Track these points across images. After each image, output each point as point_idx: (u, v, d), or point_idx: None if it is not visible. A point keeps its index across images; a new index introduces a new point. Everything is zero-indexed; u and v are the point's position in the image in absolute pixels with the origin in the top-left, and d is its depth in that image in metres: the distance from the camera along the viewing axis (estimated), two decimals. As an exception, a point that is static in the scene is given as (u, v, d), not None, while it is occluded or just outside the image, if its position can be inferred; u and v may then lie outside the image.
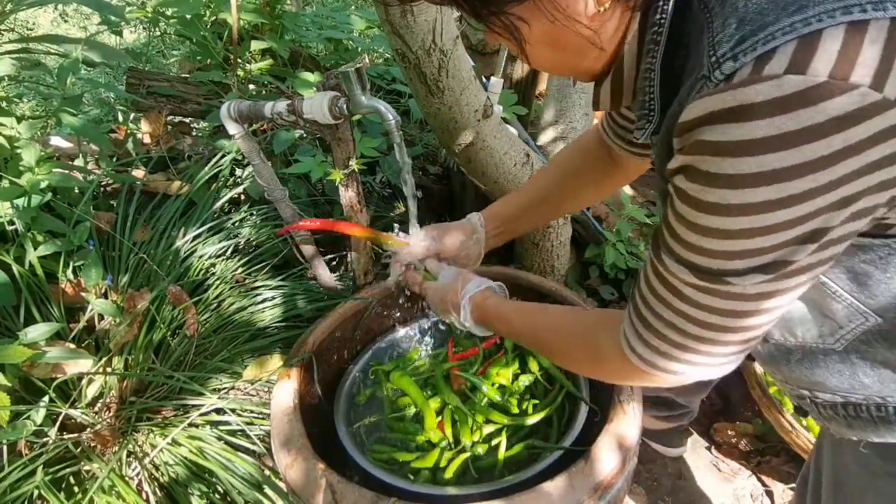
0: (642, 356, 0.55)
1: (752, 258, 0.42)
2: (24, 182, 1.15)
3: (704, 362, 0.52)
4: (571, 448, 0.91)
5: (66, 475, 1.03)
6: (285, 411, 0.93)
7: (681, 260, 0.46)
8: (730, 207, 0.40)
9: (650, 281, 0.52)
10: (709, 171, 0.40)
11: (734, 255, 0.43)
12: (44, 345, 1.04)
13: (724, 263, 0.44)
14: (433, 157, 1.95)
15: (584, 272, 1.76)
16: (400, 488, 0.85)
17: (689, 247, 0.45)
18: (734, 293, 0.45)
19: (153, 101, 1.71)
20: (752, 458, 1.38)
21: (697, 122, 0.40)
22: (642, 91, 0.52)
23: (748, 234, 0.41)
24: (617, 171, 0.90)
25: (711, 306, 0.47)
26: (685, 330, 0.50)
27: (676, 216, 0.46)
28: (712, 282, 0.45)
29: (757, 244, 0.41)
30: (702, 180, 0.41)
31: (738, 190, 0.39)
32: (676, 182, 0.44)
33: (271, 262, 1.51)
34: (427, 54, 1.01)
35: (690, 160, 0.42)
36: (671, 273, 0.48)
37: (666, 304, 0.50)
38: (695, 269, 0.46)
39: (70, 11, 5.62)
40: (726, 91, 0.38)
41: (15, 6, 1.28)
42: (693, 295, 0.47)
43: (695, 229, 0.44)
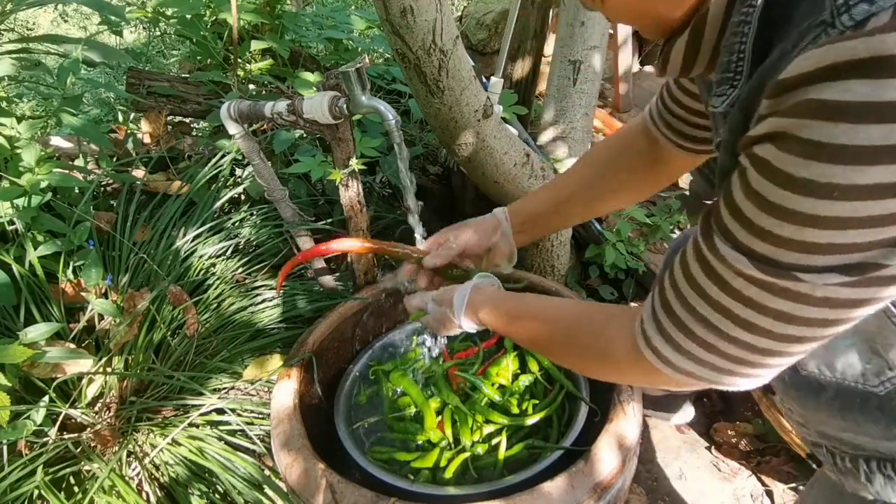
0: (659, 351, 0.48)
1: (837, 255, 0.35)
2: (24, 182, 1.15)
3: (728, 370, 0.45)
4: (571, 448, 0.91)
5: (66, 475, 1.03)
6: (285, 411, 0.93)
7: (740, 247, 0.39)
8: (829, 187, 0.32)
9: (689, 267, 0.44)
10: (812, 138, 0.32)
11: (815, 248, 0.35)
12: (44, 345, 1.04)
13: (799, 256, 0.36)
14: (433, 157, 1.95)
15: (584, 272, 1.76)
16: (400, 488, 0.85)
17: (757, 230, 0.37)
18: (797, 293, 0.37)
19: (153, 100, 1.71)
20: (752, 458, 1.38)
21: (808, 77, 0.32)
22: (729, 49, 0.42)
23: (843, 224, 0.33)
24: (662, 170, 0.81)
25: (762, 304, 0.39)
26: (720, 329, 0.43)
27: (749, 193, 0.37)
28: (776, 276, 0.37)
29: (849, 238, 0.34)
30: (799, 150, 0.33)
31: (849, 166, 0.31)
32: (758, 151, 0.36)
33: (271, 262, 1.51)
34: (427, 54, 1.01)
35: (787, 124, 0.33)
36: (722, 260, 0.40)
37: (704, 297, 0.43)
38: (757, 258, 0.38)
39: (70, 11, 5.62)
40: (856, 38, 0.30)
41: (15, 6, 1.28)
42: (744, 289, 0.40)
43: (773, 211, 0.35)
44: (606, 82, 3.01)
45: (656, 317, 0.48)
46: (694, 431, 1.49)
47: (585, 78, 1.66)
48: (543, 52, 2.03)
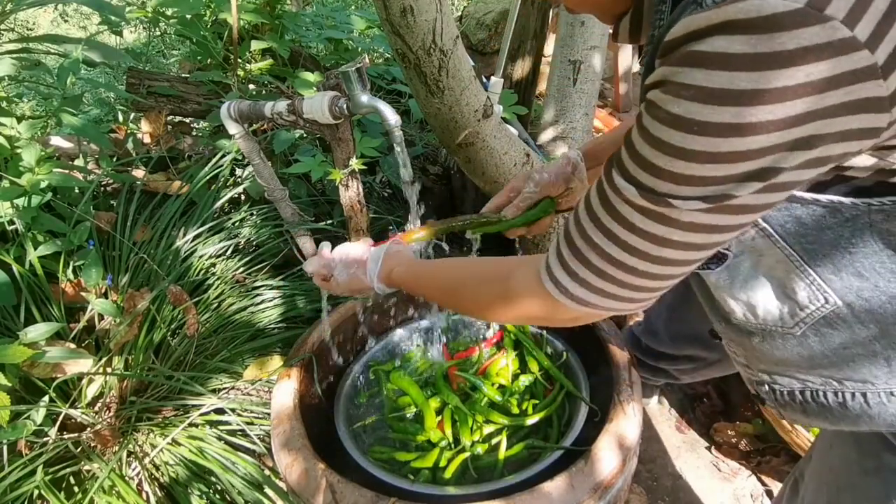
0: (560, 282, 0.54)
1: (697, 186, 0.42)
2: (25, 182, 1.15)
3: (617, 294, 0.51)
4: (572, 448, 0.91)
5: (66, 475, 1.03)
6: (285, 411, 0.93)
7: (629, 177, 0.46)
8: (691, 122, 0.40)
9: (589, 200, 0.51)
10: (683, 81, 0.40)
11: (682, 178, 0.42)
12: (44, 345, 1.04)
13: (670, 186, 0.43)
14: (433, 157, 1.95)
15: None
16: (400, 488, 0.85)
17: (643, 163, 0.44)
18: (669, 218, 0.45)
19: (153, 100, 1.71)
20: (752, 458, 1.38)
21: (683, 39, 0.40)
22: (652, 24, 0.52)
23: (701, 157, 0.41)
24: None
25: (643, 229, 0.46)
26: (610, 254, 0.49)
27: (639, 129, 0.45)
28: (654, 202, 0.45)
29: (707, 171, 0.41)
30: (673, 91, 0.41)
31: (704, 105, 0.39)
32: (649, 96, 0.44)
33: (271, 262, 1.51)
34: (427, 54, 1.01)
35: (667, 72, 0.41)
36: (616, 189, 0.47)
37: (598, 225, 0.50)
38: (641, 187, 0.45)
39: (70, 11, 5.62)
40: (713, 9, 0.38)
41: (15, 6, 1.28)
42: (629, 215, 0.47)
43: (654, 143, 0.43)
44: (606, 82, 3.01)
45: (559, 249, 0.54)
46: (694, 431, 1.49)
47: (585, 78, 1.66)
48: (543, 52, 2.03)
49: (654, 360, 1.31)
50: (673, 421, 1.52)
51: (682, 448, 1.44)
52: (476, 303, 0.68)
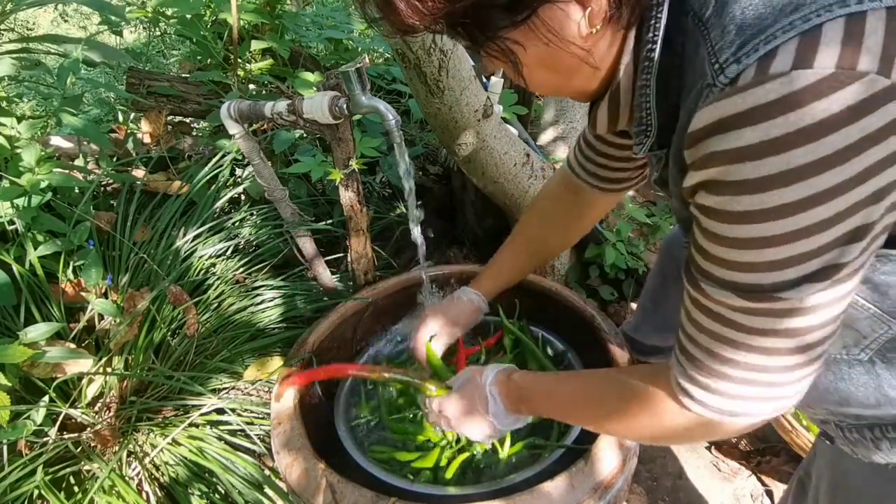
0: (696, 398, 0.51)
1: (799, 265, 0.40)
2: (25, 182, 1.15)
3: (767, 395, 0.48)
4: (572, 446, 0.91)
5: (66, 475, 1.03)
6: (285, 411, 0.93)
7: (723, 283, 0.44)
8: (763, 212, 0.39)
9: (692, 315, 0.49)
10: (732, 179, 0.39)
11: (780, 264, 0.40)
12: (44, 344, 1.04)
13: (772, 276, 0.41)
14: (433, 157, 1.95)
15: (584, 272, 1.76)
16: (400, 488, 0.85)
17: (731, 265, 0.43)
18: (790, 309, 0.42)
19: (153, 100, 1.71)
20: (752, 458, 1.38)
21: (708, 130, 0.39)
22: (639, 107, 0.52)
23: (789, 238, 0.39)
24: (590, 211, 0.93)
25: (765, 328, 0.44)
26: (748, 363, 0.46)
27: (708, 236, 0.44)
28: (763, 300, 0.42)
29: (801, 248, 0.39)
30: (727, 191, 0.40)
31: (768, 192, 0.38)
32: (699, 200, 0.43)
33: (271, 262, 1.51)
34: (427, 54, 1.01)
35: (709, 174, 0.41)
36: (714, 301, 0.46)
37: (714, 336, 0.47)
38: (740, 289, 0.43)
39: (70, 11, 5.62)
40: (734, 95, 0.37)
41: (15, 6, 1.28)
42: (743, 320, 0.44)
43: (732, 244, 0.42)
44: (606, 82, 3.00)
45: (685, 370, 0.51)
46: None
47: (585, 78, 1.66)
48: (543, 52, 2.02)
49: (646, 355, 1.32)
50: (673, 421, 1.52)
51: (682, 448, 1.44)
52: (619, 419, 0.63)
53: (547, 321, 1.20)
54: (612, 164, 0.81)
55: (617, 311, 1.71)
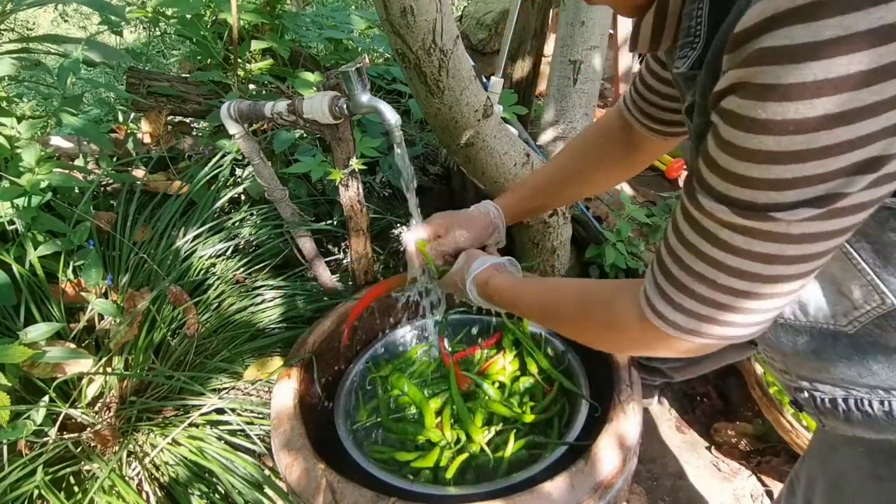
0: (665, 316, 0.50)
1: (803, 188, 0.38)
2: (25, 182, 1.15)
3: (732, 320, 0.47)
4: (573, 443, 0.91)
5: (66, 475, 1.03)
6: (285, 411, 0.93)
7: (720, 196, 0.42)
8: (785, 123, 0.36)
9: (679, 228, 0.48)
10: (766, 82, 0.36)
11: (784, 184, 0.38)
12: (44, 344, 1.04)
13: (771, 195, 0.39)
14: (433, 157, 1.95)
15: (584, 272, 1.76)
16: (400, 488, 0.85)
17: (732, 178, 0.41)
18: (777, 233, 0.41)
19: (153, 100, 1.71)
20: (752, 458, 1.38)
21: (757, 28, 0.36)
22: (689, 16, 0.48)
23: (802, 156, 0.37)
24: (637, 153, 0.88)
25: (750, 250, 0.43)
26: (716, 281, 0.45)
27: (721, 144, 0.41)
28: (755, 219, 0.41)
29: (810, 170, 0.37)
30: (756, 95, 0.37)
31: (797, 102, 0.35)
32: (724, 105, 0.40)
33: (271, 263, 1.51)
34: (427, 54, 1.01)
35: (744, 74, 0.37)
36: (707, 213, 0.44)
37: (697, 253, 0.46)
38: (736, 204, 0.41)
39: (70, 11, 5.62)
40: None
41: (15, 6, 1.28)
42: (730, 238, 0.43)
43: (742, 155, 0.39)
44: (606, 82, 3.01)
45: (656, 281, 0.51)
46: (694, 431, 1.49)
47: (585, 78, 1.66)
48: (543, 52, 2.03)
49: (646, 358, 1.32)
50: (673, 421, 1.52)
51: (682, 448, 1.44)
52: (579, 327, 0.66)
53: (547, 321, 1.20)
54: (666, 103, 0.78)
55: (617, 311, 1.71)
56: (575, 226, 1.71)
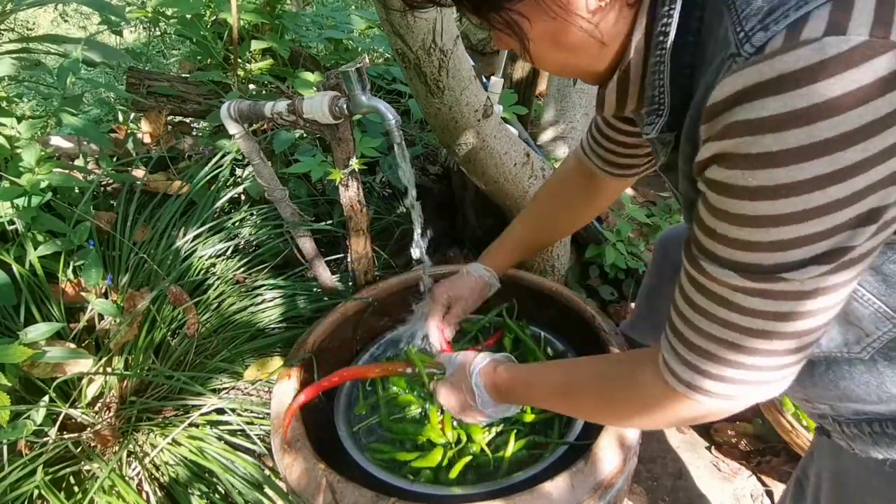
0: (683, 379, 0.50)
1: (808, 246, 0.39)
2: (25, 182, 1.15)
3: (757, 379, 0.47)
4: (573, 443, 0.91)
5: (66, 475, 1.03)
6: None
7: (726, 262, 0.43)
8: (778, 189, 0.37)
9: (687, 294, 0.48)
10: (749, 152, 0.37)
11: (786, 244, 0.39)
12: (44, 344, 1.04)
13: (777, 257, 0.40)
14: (433, 157, 1.95)
15: (584, 272, 1.76)
16: (400, 488, 0.85)
17: (735, 244, 0.41)
18: (789, 291, 0.41)
19: (153, 100, 1.71)
20: (752, 458, 1.38)
21: (730, 101, 0.37)
22: (651, 86, 0.50)
23: (801, 217, 0.37)
24: (601, 195, 0.94)
25: (763, 311, 0.43)
26: (735, 343, 0.45)
27: (715, 213, 0.42)
28: (765, 281, 0.41)
29: (812, 228, 0.38)
30: (742, 164, 0.38)
31: (785, 168, 0.36)
32: (710, 175, 0.41)
33: (272, 263, 1.51)
34: (427, 54, 1.01)
35: (726, 146, 0.39)
36: (714, 280, 0.44)
37: (708, 317, 0.46)
38: (743, 269, 0.42)
39: (70, 11, 5.62)
40: (760, 63, 0.35)
41: (15, 6, 1.28)
42: (742, 301, 0.43)
43: (740, 221, 0.40)
44: (606, 82, 3.00)
45: (676, 351, 0.51)
46: (694, 431, 1.49)
47: (585, 78, 1.66)
48: (543, 52, 2.02)
49: None
50: (673, 421, 1.52)
51: (682, 448, 1.44)
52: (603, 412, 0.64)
53: (547, 321, 1.20)
54: (622, 150, 0.82)
55: (617, 311, 1.71)
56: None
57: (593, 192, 0.94)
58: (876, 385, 0.53)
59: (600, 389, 0.63)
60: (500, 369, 0.78)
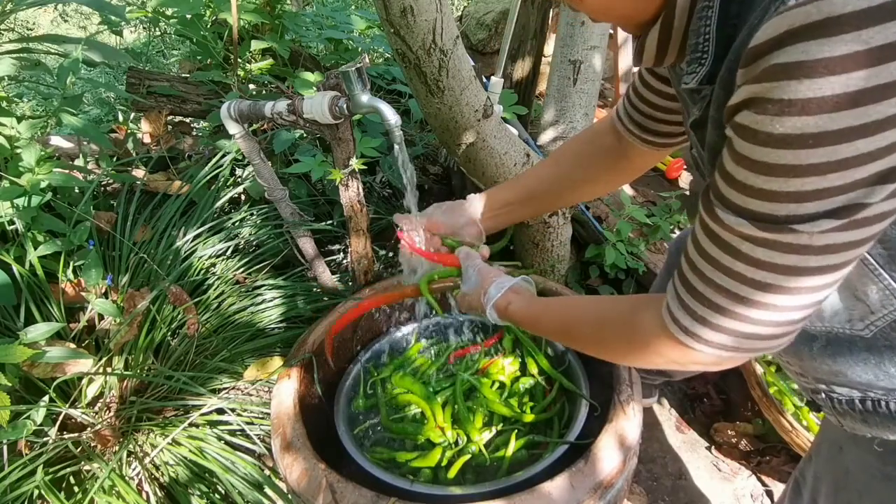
0: (686, 327, 0.50)
1: (823, 199, 0.38)
2: (25, 182, 1.15)
3: (752, 332, 0.47)
4: (574, 442, 0.91)
5: (67, 475, 1.03)
6: (286, 411, 0.93)
7: (740, 210, 0.42)
8: (804, 138, 0.36)
9: (700, 242, 0.48)
10: (782, 97, 0.36)
11: (804, 196, 0.38)
12: (44, 344, 1.04)
13: (791, 207, 0.39)
14: (433, 157, 1.95)
15: (584, 272, 1.76)
16: (400, 488, 0.85)
17: (752, 192, 0.41)
18: (798, 245, 0.41)
19: (153, 100, 1.71)
20: (752, 458, 1.38)
21: (772, 43, 0.36)
22: (696, 33, 0.48)
23: (822, 169, 0.37)
24: (627, 165, 0.89)
25: (771, 262, 0.42)
26: (737, 293, 0.45)
27: (738, 158, 0.41)
28: (776, 231, 0.41)
29: (830, 181, 0.37)
30: (773, 109, 0.37)
31: (816, 116, 0.35)
32: (739, 119, 0.40)
33: (272, 263, 1.51)
34: (427, 54, 1.01)
35: (759, 89, 0.38)
36: (727, 228, 0.44)
37: (718, 266, 0.46)
38: (757, 218, 0.41)
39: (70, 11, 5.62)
40: (809, 4, 0.34)
41: (15, 6, 1.28)
42: (751, 251, 0.43)
43: (761, 169, 0.39)
44: (606, 82, 3.01)
45: (679, 296, 0.51)
46: (694, 431, 1.49)
47: (585, 78, 1.66)
48: (543, 52, 2.03)
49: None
50: (673, 421, 1.52)
51: (682, 448, 1.44)
52: (599, 344, 0.66)
53: (547, 321, 1.20)
54: (657, 114, 0.78)
55: (617, 311, 1.71)
56: (575, 226, 1.71)
57: (622, 159, 0.88)
58: (874, 364, 0.54)
59: (598, 328, 0.65)
60: (511, 308, 0.80)
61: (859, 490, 0.65)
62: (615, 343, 0.63)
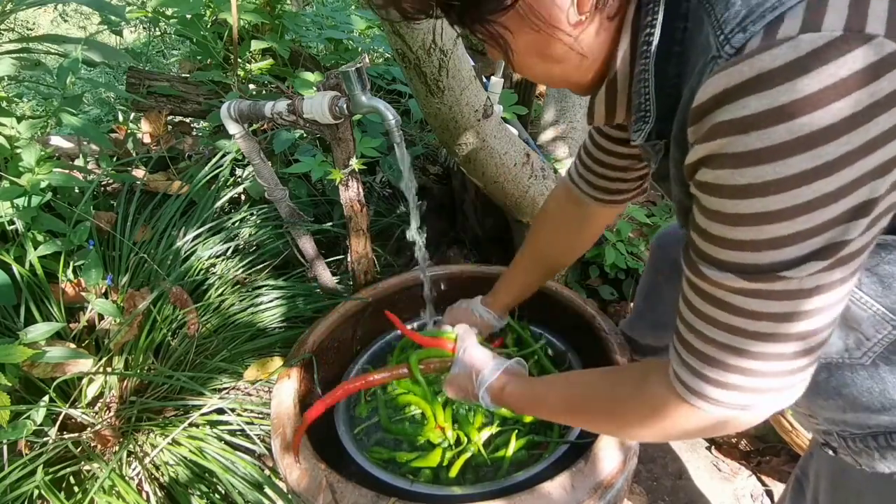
0: (690, 386, 0.49)
1: (800, 243, 0.39)
2: (25, 182, 1.15)
3: (763, 386, 0.46)
4: (574, 442, 0.91)
5: (67, 475, 1.03)
6: (286, 411, 0.93)
7: (723, 265, 0.43)
8: (766, 185, 0.37)
9: (691, 302, 0.48)
10: (735, 151, 0.38)
11: (781, 241, 0.39)
12: (44, 344, 1.04)
13: (773, 254, 0.40)
14: (433, 157, 1.95)
15: (584, 272, 1.76)
16: (400, 488, 0.85)
17: (730, 244, 0.41)
18: (789, 290, 0.41)
19: (153, 100, 1.71)
20: (752, 458, 1.38)
21: (713, 102, 0.38)
22: (637, 94, 0.51)
23: (789, 213, 0.38)
24: (589, 227, 0.94)
25: (764, 312, 0.42)
26: (736, 346, 0.45)
27: (708, 214, 0.42)
28: (764, 281, 0.41)
29: (804, 224, 0.38)
30: (729, 164, 0.38)
31: (771, 164, 0.37)
32: (700, 177, 0.42)
33: (272, 263, 1.51)
34: (427, 54, 1.01)
35: (713, 146, 0.39)
36: (715, 283, 0.44)
37: (714, 323, 0.46)
38: (741, 270, 0.42)
39: (70, 11, 5.62)
40: (740, 63, 0.36)
41: (15, 6, 1.28)
42: (743, 303, 0.43)
43: (733, 220, 0.40)
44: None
45: (682, 358, 0.50)
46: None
47: (585, 78, 1.66)
48: (543, 52, 2.02)
49: (642, 354, 1.32)
50: (673, 421, 1.52)
51: (682, 448, 1.44)
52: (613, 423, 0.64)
53: (547, 321, 1.20)
54: (611, 173, 0.81)
55: (617, 310, 1.71)
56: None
57: (583, 222, 0.93)
58: (879, 392, 0.53)
59: (611, 406, 0.62)
60: (507, 390, 0.78)
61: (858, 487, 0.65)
62: (633, 419, 0.60)
